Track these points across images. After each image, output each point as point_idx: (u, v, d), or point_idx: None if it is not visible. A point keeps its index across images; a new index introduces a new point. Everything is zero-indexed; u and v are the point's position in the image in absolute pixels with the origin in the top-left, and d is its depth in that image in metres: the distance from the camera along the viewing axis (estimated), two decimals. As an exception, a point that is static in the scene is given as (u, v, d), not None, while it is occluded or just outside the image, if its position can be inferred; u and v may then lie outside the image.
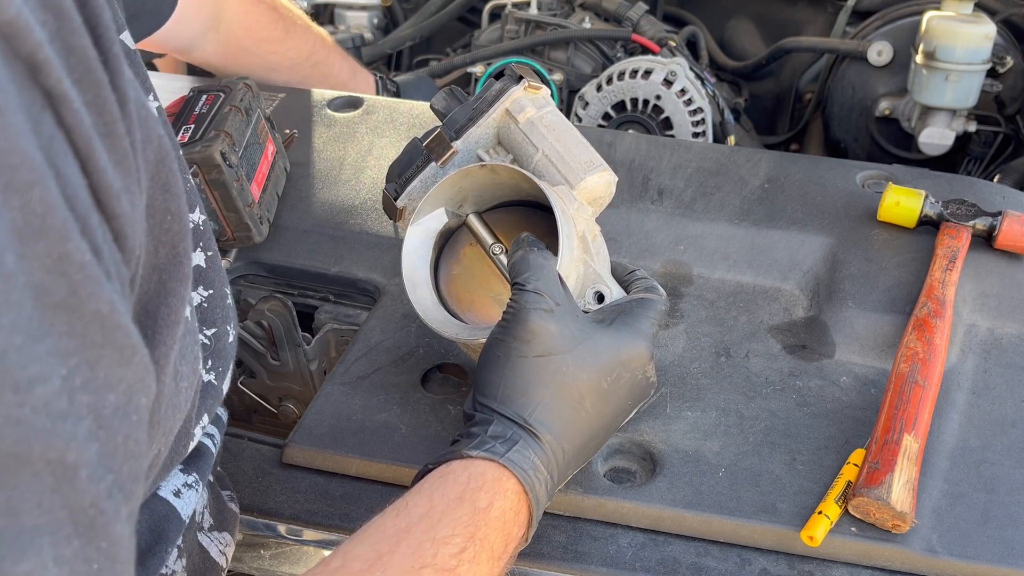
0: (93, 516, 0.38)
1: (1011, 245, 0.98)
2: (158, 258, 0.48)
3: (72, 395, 0.36)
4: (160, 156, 0.47)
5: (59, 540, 0.36)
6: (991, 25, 1.42)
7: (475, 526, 0.60)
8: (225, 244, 0.99)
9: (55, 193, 0.36)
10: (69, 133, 0.38)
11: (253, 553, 0.79)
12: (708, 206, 1.06)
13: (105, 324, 0.38)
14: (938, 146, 1.51)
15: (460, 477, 0.63)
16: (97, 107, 0.41)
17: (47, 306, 0.35)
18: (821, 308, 0.95)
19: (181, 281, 0.49)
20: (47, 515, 0.36)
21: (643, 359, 0.72)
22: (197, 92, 1.03)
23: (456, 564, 0.58)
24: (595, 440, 0.71)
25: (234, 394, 1.04)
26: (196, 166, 0.92)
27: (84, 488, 0.37)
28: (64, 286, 0.36)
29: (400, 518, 0.61)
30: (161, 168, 0.47)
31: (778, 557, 0.75)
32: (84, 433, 0.37)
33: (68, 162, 0.38)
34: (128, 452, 0.40)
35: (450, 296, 0.83)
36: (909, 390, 0.81)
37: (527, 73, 0.84)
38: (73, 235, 0.37)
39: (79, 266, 0.37)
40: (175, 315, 0.48)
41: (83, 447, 0.37)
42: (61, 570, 0.36)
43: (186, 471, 0.64)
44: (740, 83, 1.77)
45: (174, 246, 0.49)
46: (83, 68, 0.40)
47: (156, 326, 0.47)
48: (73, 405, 0.37)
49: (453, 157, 0.82)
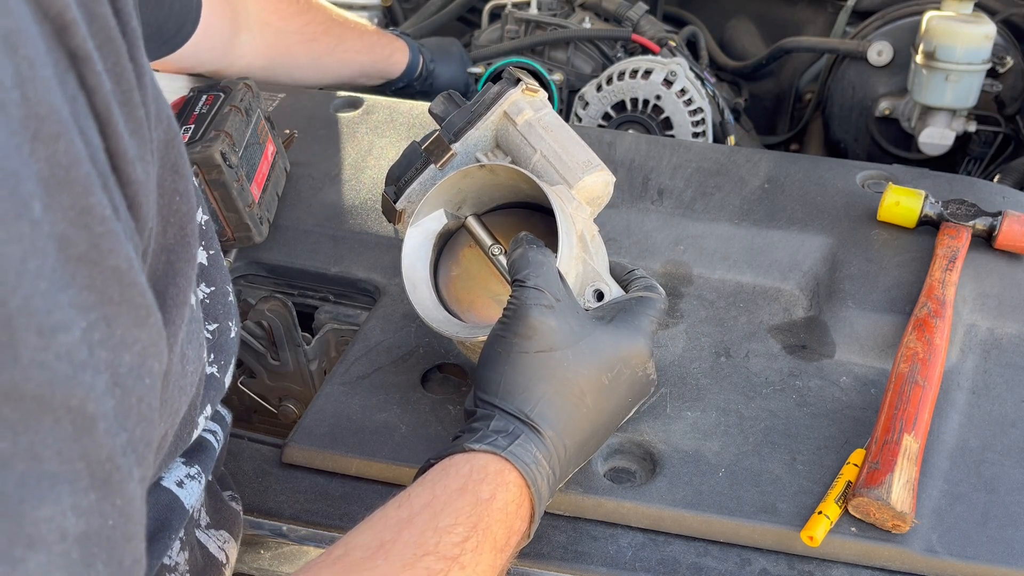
0: (109, 471, 0.38)
1: (1011, 245, 0.98)
2: (167, 238, 0.48)
3: (92, 348, 0.37)
4: (170, 137, 0.48)
5: (77, 490, 0.36)
6: (991, 25, 1.42)
7: (477, 516, 0.61)
8: (225, 244, 0.99)
9: (79, 147, 0.37)
10: (91, 95, 0.39)
11: (253, 553, 0.79)
12: (708, 206, 1.06)
13: (123, 281, 0.38)
14: (938, 146, 1.51)
15: (462, 469, 0.63)
16: (116, 74, 0.41)
17: (70, 258, 0.36)
18: (821, 308, 0.95)
19: (188, 262, 0.49)
20: (67, 464, 0.36)
21: (643, 356, 0.72)
22: (197, 92, 1.03)
23: (459, 553, 0.58)
24: (596, 437, 0.71)
25: (234, 394, 1.04)
26: (196, 166, 0.92)
27: (101, 441, 0.37)
28: (86, 239, 0.36)
29: (402, 508, 0.61)
30: (171, 149, 0.48)
31: (778, 557, 0.75)
32: (102, 386, 0.37)
33: (88, 124, 0.39)
34: (141, 415, 0.41)
35: (449, 297, 0.83)
36: (909, 390, 0.81)
37: (525, 75, 0.84)
38: (96, 190, 0.37)
39: (100, 220, 0.37)
40: (183, 295, 0.49)
41: (101, 400, 0.37)
42: (79, 520, 0.36)
43: (188, 463, 0.64)
44: (740, 83, 1.77)
45: (182, 227, 0.49)
46: (104, 35, 0.40)
47: (165, 305, 0.47)
48: (93, 357, 0.37)
49: (452, 159, 0.83)
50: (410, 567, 0.56)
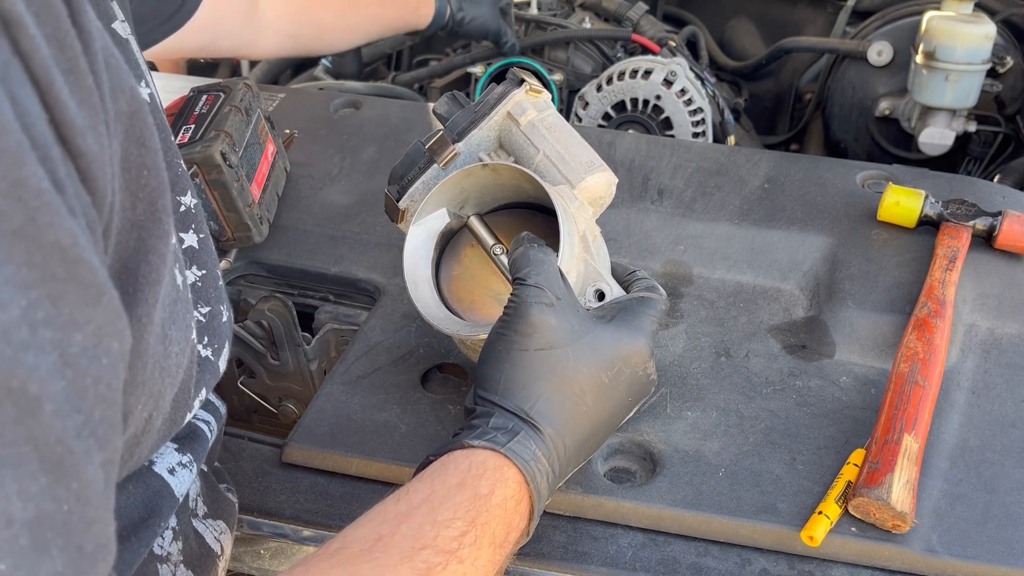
0: (61, 454, 0.37)
1: (1011, 245, 0.98)
2: (136, 214, 0.46)
3: (34, 327, 0.35)
4: (133, 108, 0.46)
5: (23, 475, 0.35)
6: (991, 25, 1.42)
7: (476, 511, 0.60)
8: (225, 244, 0.99)
9: (8, 117, 0.35)
10: (26, 61, 0.37)
11: (253, 553, 0.79)
12: (708, 206, 1.06)
13: (67, 257, 0.37)
14: (938, 146, 1.51)
15: (461, 465, 0.63)
16: (57, 41, 0.39)
17: (3, 233, 0.34)
18: (821, 308, 0.95)
19: (161, 239, 0.48)
20: (9, 447, 0.34)
21: (643, 355, 0.72)
22: (197, 92, 1.03)
23: (457, 547, 0.58)
24: (596, 435, 0.71)
25: (234, 394, 1.04)
26: (196, 166, 0.92)
27: (49, 423, 0.36)
28: (21, 213, 0.35)
29: (401, 503, 0.61)
30: (135, 121, 0.46)
31: (778, 557, 0.75)
32: (48, 367, 0.36)
33: (25, 92, 0.37)
34: (99, 395, 0.39)
35: (451, 296, 0.84)
36: (909, 390, 0.81)
37: (528, 76, 0.84)
38: (29, 161, 0.35)
39: (35, 192, 0.35)
40: (156, 273, 0.47)
41: (47, 381, 0.35)
42: (27, 505, 0.35)
43: (181, 450, 0.64)
44: (740, 83, 1.77)
45: (152, 202, 0.47)
46: (40, 1, 0.38)
47: (137, 283, 0.46)
48: (35, 337, 0.35)
49: (455, 159, 0.83)
50: (408, 560, 0.56)
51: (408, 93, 1.57)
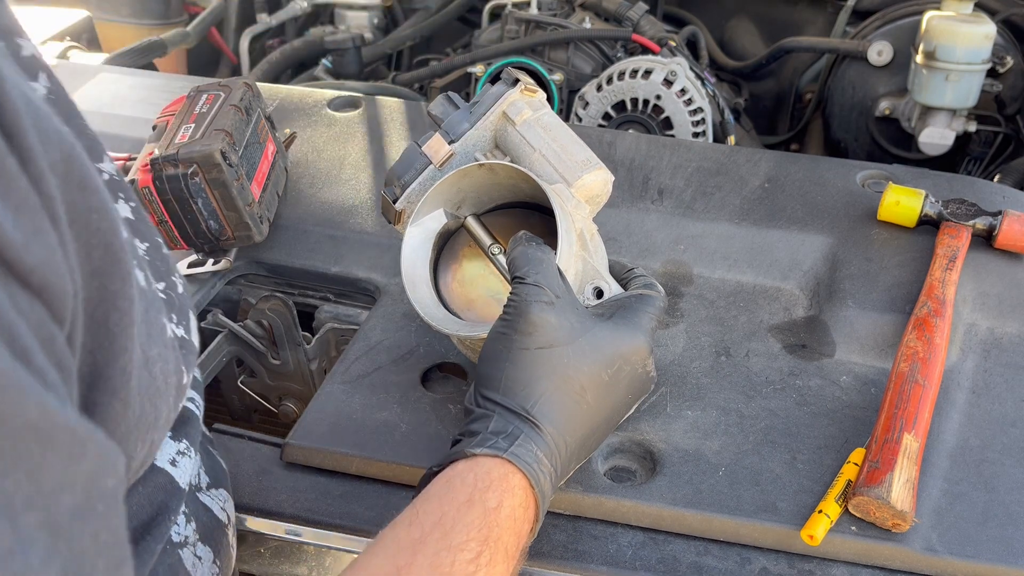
0: None
1: (1011, 245, 0.98)
2: (93, 263, 0.43)
3: (14, 522, 0.32)
4: (66, 153, 0.42)
5: None
6: (991, 25, 1.42)
7: (488, 528, 0.61)
8: (225, 243, 0.99)
9: None
10: None
11: (253, 553, 0.79)
12: (708, 206, 1.06)
13: (40, 432, 0.34)
14: (938, 146, 1.51)
15: (467, 479, 0.63)
16: None
17: None
18: (821, 308, 0.95)
19: (124, 280, 0.45)
20: None
21: (643, 353, 0.72)
22: (197, 91, 1.04)
23: (474, 570, 0.58)
24: (596, 433, 0.71)
25: (234, 393, 1.04)
26: (196, 165, 0.92)
27: None
28: None
29: (413, 528, 0.60)
30: (72, 166, 0.42)
31: (778, 556, 0.75)
32: (40, 558, 0.33)
33: None
34: (101, 546, 0.37)
35: (449, 296, 0.84)
36: (909, 389, 0.81)
37: (523, 76, 0.84)
38: None
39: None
40: (127, 317, 0.45)
41: (41, 573, 0.33)
42: None
43: (176, 438, 0.64)
44: (740, 83, 1.77)
45: (107, 245, 0.44)
46: None
47: (111, 335, 0.44)
48: (18, 534, 0.32)
49: (451, 159, 0.83)
50: None
51: (408, 93, 1.57)
